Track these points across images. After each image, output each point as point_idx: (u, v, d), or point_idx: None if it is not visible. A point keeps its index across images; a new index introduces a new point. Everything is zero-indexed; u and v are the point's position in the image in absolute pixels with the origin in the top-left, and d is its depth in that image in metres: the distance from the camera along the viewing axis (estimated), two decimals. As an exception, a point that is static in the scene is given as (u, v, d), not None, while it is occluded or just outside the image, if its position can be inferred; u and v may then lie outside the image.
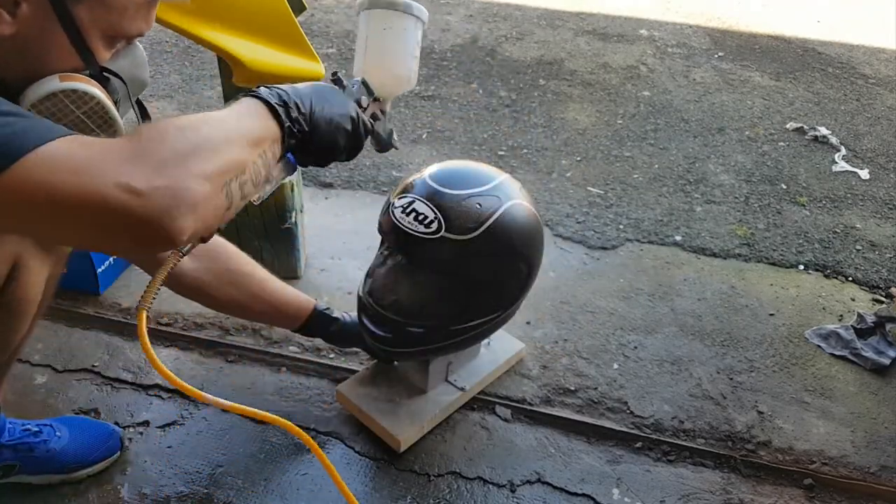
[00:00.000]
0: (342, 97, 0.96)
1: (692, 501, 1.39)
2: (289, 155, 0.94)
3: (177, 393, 1.53)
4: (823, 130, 2.73)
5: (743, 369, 1.68)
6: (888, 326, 1.77)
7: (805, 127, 2.76)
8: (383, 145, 1.19)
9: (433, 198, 1.27)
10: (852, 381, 1.67)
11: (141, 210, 0.64)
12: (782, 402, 1.60)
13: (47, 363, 1.56)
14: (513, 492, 1.38)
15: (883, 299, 1.93)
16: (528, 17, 3.66)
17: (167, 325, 1.69)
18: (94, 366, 1.58)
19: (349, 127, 0.93)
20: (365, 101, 1.06)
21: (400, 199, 1.30)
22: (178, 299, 1.34)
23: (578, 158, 2.50)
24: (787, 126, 2.79)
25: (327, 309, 1.47)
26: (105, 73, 0.88)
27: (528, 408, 1.54)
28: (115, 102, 0.88)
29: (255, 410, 1.10)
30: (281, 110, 0.83)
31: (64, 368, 1.57)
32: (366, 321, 1.37)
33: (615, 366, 1.67)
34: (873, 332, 1.77)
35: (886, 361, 1.70)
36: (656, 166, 2.48)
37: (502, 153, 2.50)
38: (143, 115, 0.97)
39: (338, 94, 0.95)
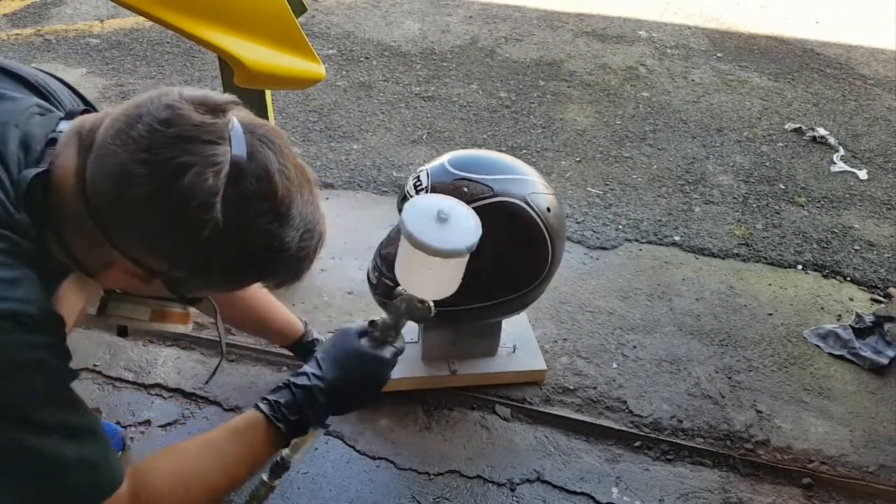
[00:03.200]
0: (372, 373, 1.00)
1: (691, 500, 1.39)
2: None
3: (178, 392, 1.53)
4: (822, 131, 2.73)
5: (741, 369, 1.69)
6: (886, 326, 1.77)
7: (803, 127, 2.76)
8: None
9: (436, 173, 1.34)
10: (851, 381, 1.68)
11: None
12: (781, 401, 1.61)
13: (49, 363, 1.57)
14: (512, 490, 1.39)
15: (881, 299, 1.94)
16: (528, 18, 3.67)
17: (168, 324, 1.70)
18: (95, 365, 1.59)
19: (375, 391, 1.02)
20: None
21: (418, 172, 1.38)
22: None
23: (578, 159, 2.51)
24: (786, 126, 2.79)
25: (313, 340, 1.41)
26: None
27: (528, 407, 1.55)
28: None
29: None
30: (282, 426, 0.93)
31: (65, 368, 1.58)
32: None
33: (614, 365, 1.67)
34: (871, 332, 1.78)
35: (885, 361, 1.71)
36: (655, 167, 2.49)
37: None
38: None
39: (367, 374, 1.00)
